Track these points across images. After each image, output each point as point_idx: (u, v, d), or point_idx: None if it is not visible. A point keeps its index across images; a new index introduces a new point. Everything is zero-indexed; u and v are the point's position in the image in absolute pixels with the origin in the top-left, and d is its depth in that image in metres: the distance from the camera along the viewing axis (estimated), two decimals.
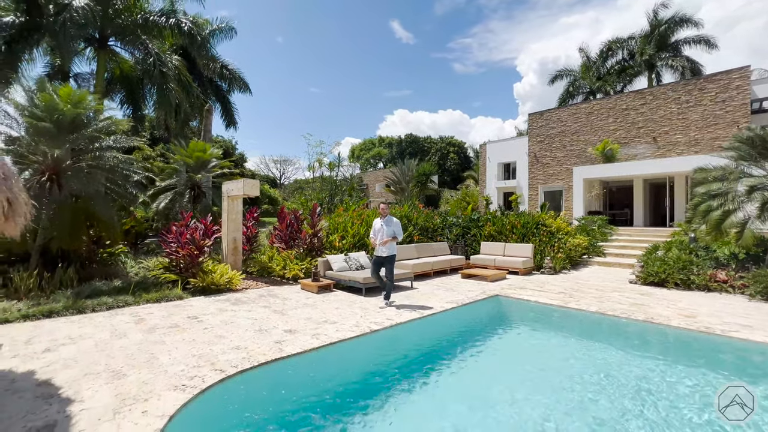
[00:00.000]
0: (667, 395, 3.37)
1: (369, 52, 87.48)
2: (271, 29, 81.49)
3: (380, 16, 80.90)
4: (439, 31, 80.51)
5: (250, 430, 2.78)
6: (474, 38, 79.98)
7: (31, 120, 6.87)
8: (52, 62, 16.79)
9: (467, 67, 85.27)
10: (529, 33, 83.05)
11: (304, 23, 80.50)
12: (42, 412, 2.80)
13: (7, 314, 5.34)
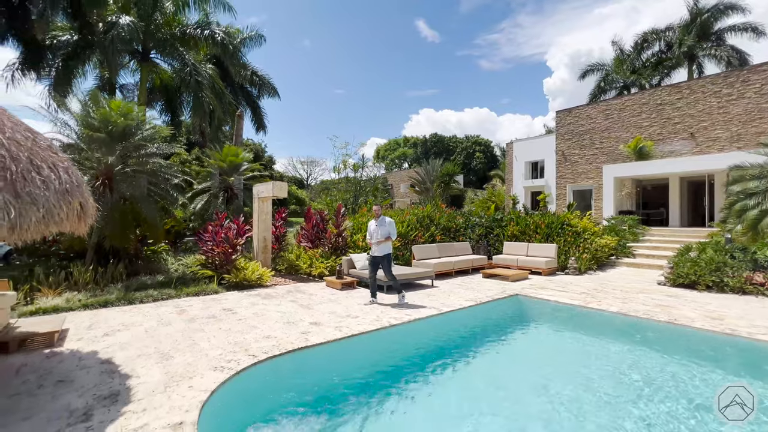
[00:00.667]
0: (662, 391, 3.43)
1: (394, 51, 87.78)
2: (298, 33, 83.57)
3: (405, 15, 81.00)
4: (465, 29, 79.53)
5: (277, 405, 3.14)
6: (501, 34, 78.40)
7: (89, 130, 7.67)
8: (101, 75, 18.25)
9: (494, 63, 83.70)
10: (560, 26, 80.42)
11: (329, 26, 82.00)
12: (106, 384, 3.28)
13: (70, 303, 6.06)
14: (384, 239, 6.45)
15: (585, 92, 30.95)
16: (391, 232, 6.53)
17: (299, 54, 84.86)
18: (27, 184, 2.58)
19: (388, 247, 6.52)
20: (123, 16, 14.72)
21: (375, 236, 6.54)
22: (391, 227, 6.58)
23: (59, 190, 2.93)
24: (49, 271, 7.42)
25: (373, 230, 6.62)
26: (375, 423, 2.93)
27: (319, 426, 2.87)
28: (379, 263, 6.56)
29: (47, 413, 2.79)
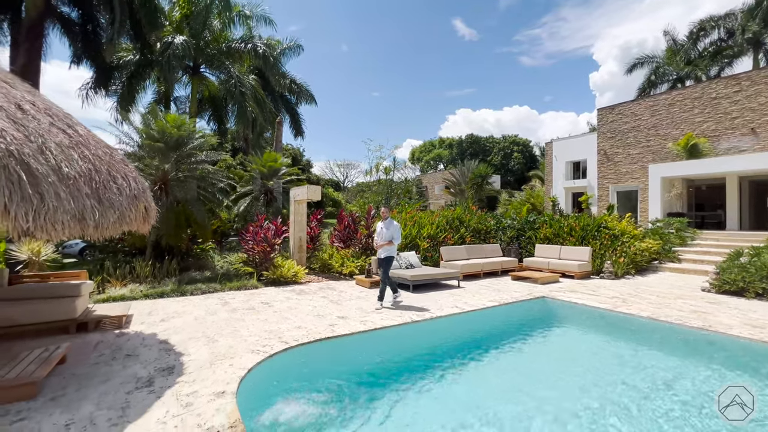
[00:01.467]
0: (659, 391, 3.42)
1: (431, 52, 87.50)
2: (336, 39, 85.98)
3: (442, 15, 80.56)
4: (504, 25, 77.64)
5: (303, 384, 3.56)
6: (543, 28, 75.62)
7: (149, 141, 8.69)
8: (158, 89, 20.13)
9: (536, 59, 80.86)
10: (609, 17, 76.06)
11: (366, 30, 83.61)
12: (164, 359, 3.88)
13: (133, 293, 6.95)
14: (387, 242, 6.54)
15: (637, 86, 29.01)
16: (395, 236, 6.62)
17: (337, 59, 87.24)
18: (107, 191, 3.20)
19: (392, 249, 6.61)
20: (177, 36, 16.23)
21: (382, 237, 6.64)
22: (396, 231, 6.68)
23: (129, 195, 3.55)
24: (116, 265, 8.47)
25: (379, 231, 6.74)
26: (384, 404, 3.24)
27: (337, 403, 3.24)
28: (381, 265, 6.64)
29: (120, 379, 3.39)
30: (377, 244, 6.70)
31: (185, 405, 2.92)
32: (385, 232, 6.63)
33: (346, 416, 3.03)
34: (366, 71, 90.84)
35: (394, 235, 6.60)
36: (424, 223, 11.69)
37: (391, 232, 6.61)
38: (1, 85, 2.97)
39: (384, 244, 6.55)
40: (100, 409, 2.85)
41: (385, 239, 6.57)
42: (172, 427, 2.61)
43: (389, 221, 6.74)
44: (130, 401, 2.98)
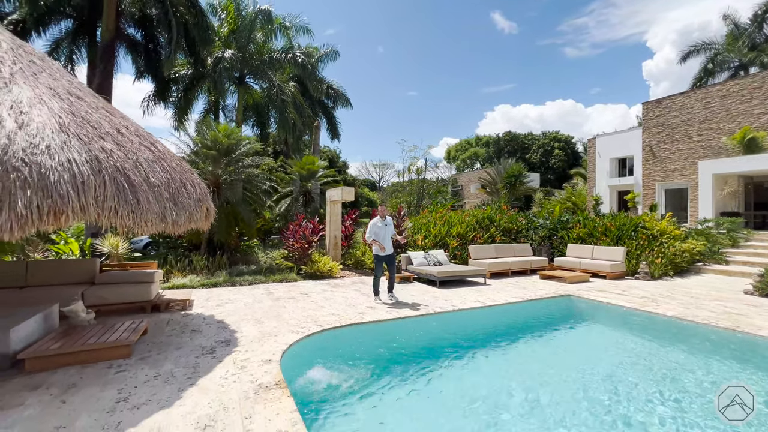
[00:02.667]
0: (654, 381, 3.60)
1: (468, 48, 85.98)
2: (372, 41, 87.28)
3: (480, 9, 78.88)
4: (547, 16, 74.60)
5: (333, 357, 4.18)
6: (590, 16, 71.83)
7: (204, 149, 9.80)
8: (209, 99, 21.95)
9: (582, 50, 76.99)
10: (665, 0, 70.79)
11: (402, 30, 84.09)
12: (222, 335, 4.66)
13: (192, 283, 7.99)
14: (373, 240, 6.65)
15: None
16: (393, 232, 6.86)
17: (374, 60, 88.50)
18: (180, 195, 3.99)
19: (390, 246, 6.78)
20: (226, 50, 17.72)
21: (382, 236, 6.64)
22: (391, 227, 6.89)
23: (196, 198, 4.34)
24: (177, 258, 9.66)
25: (378, 230, 6.69)
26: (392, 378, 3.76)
27: (359, 373, 3.82)
28: (386, 262, 6.72)
29: (189, 348, 4.19)
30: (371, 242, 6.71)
31: (241, 367, 3.62)
32: (388, 229, 6.77)
33: (363, 383, 3.62)
34: (402, 71, 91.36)
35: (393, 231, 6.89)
36: (454, 223, 12.00)
37: (390, 229, 6.84)
38: (105, 114, 3.84)
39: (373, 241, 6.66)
40: (177, 367, 3.62)
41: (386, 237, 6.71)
42: (232, 381, 3.31)
43: (388, 220, 6.89)
44: (199, 363, 3.74)
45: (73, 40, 15.77)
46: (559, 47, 77.72)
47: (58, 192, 2.76)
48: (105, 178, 3.12)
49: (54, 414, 2.76)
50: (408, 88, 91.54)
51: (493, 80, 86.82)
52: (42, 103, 3.18)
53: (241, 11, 19.12)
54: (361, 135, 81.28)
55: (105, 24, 13.64)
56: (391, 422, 3.08)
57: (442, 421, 3.10)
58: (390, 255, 6.77)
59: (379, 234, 6.68)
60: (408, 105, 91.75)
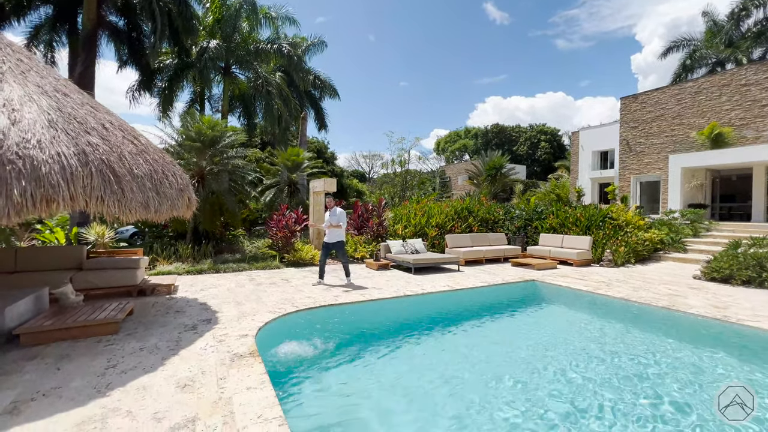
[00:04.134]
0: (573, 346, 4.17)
1: (460, 39, 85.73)
2: (364, 29, 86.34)
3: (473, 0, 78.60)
4: (539, 7, 74.81)
5: (305, 333, 4.62)
6: (582, 8, 72.29)
7: (189, 141, 10.02)
8: (194, 89, 21.83)
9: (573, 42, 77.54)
10: None
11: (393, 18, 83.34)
12: (204, 315, 5.06)
13: (177, 270, 8.32)
14: (335, 225, 7.21)
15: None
16: (341, 221, 7.28)
17: (365, 49, 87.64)
18: (162, 185, 4.33)
19: (340, 234, 7.28)
20: (211, 40, 17.67)
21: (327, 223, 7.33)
22: (342, 217, 7.31)
23: (177, 188, 4.68)
24: (163, 247, 9.94)
25: (327, 219, 7.42)
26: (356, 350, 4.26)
27: (325, 346, 4.30)
28: (332, 249, 7.34)
29: (172, 326, 4.58)
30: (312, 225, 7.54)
31: (219, 341, 4.04)
32: (332, 218, 7.30)
33: (326, 355, 4.12)
34: (393, 61, 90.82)
35: (340, 220, 7.27)
36: (434, 213, 12.49)
37: (338, 218, 7.28)
38: (90, 109, 4.13)
39: (331, 225, 7.22)
40: (162, 341, 4.02)
41: (332, 223, 7.26)
42: (211, 352, 3.73)
43: (334, 209, 7.39)
44: (181, 337, 4.14)
45: (53, 27, 15.57)
46: (551, 39, 78.23)
47: (49, 182, 3.09)
48: (92, 169, 3.45)
49: (51, 378, 3.14)
50: (399, 79, 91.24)
51: (485, 71, 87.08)
52: (32, 101, 3.48)
53: (225, 0, 19.00)
54: (352, 126, 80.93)
55: (86, 11, 13.53)
56: (346, 383, 3.55)
57: (388, 381, 3.59)
58: (335, 242, 7.26)
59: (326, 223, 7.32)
60: (399, 96, 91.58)
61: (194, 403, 2.73)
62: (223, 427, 2.44)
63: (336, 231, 7.25)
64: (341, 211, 7.40)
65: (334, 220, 7.25)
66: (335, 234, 7.26)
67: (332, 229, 7.26)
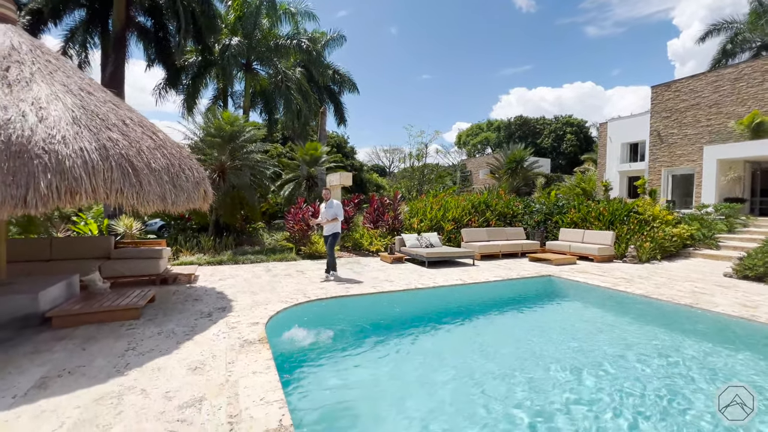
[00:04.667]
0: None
1: (484, 29, 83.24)
2: (385, 22, 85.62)
3: None
4: None
5: (314, 322, 4.75)
6: None
7: (209, 137, 10.35)
8: (217, 86, 22.43)
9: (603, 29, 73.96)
10: None
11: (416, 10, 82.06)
12: (220, 303, 5.27)
13: (199, 260, 8.67)
14: (331, 219, 7.07)
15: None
16: (338, 214, 7.14)
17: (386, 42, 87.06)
18: (179, 179, 4.52)
19: (336, 226, 7.16)
20: (233, 37, 18.07)
21: (323, 217, 7.17)
22: (338, 209, 7.16)
23: (193, 181, 4.88)
24: (186, 239, 10.37)
25: (323, 212, 7.23)
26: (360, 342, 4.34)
27: (330, 335, 4.41)
28: (326, 241, 7.26)
29: (190, 313, 4.81)
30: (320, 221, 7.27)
31: (231, 327, 4.21)
32: (328, 211, 7.13)
33: (331, 343, 4.24)
34: (415, 53, 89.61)
35: (337, 213, 7.14)
36: (450, 207, 12.37)
37: (334, 210, 7.13)
38: (112, 107, 4.36)
39: (329, 220, 7.08)
40: (178, 327, 4.23)
41: (330, 217, 7.11)
42: (222, 337, 3.90)
43: (330, 202, 7.23)
44: (196, 324, 4.34)
45: (87, 29, 16.34)
46: (580, 26, 74.80)
47: (72, 175, 3.31)
48: (112, 163, 3.66)
49: (76, 357, 3.38)
50: (421, 71, 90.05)
51: (509, 62, 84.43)
52: (57, 99, 3.71)
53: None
54: (373, 120, 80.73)
55: (116, 13, 14.13)
56: (347, 369, 3.63)
57: (384, 372, 3.64)
58: (327, 235, 7.17)
59: (323, 216, 7.19)
60: (421, 89, 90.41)
61: (203, 385, 2.88)
62: (227, 407, 2.56)
63: (334, 223, 7.16)
64: (337, 203, 7.29)
65: (330, 213, 7.13)
66: (333, 226, 7.19)
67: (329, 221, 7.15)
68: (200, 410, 2.53)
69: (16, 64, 3.80)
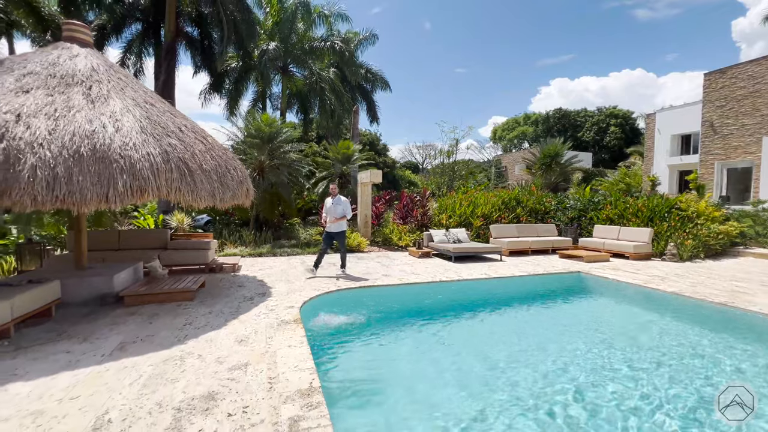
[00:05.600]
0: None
1: (522, 18, 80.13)
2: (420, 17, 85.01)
3: None
4: None
5: (341, 309, 5.18)
6: None
7: (249, 138, 11.16)
8: (256, 89, 23.67)
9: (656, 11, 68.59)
10: None
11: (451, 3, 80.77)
12: (260, 289, 5.87)
13: (241, 252, 9.46)
14: (340, 217, 6.88)
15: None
16: (345, 211, 6.91)
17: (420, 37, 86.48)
18: (225, 178, 5.12)
19: (343, 224, 6.99)
20: (270, 42, 19.04)
21: (331, 214, 6.94)
22: (346, 206, 6.93)
23: (237, 180, 5.47)
24: (230, 233, 11.27)
25: (329, 208, 6.97)
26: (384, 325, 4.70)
27: (356, 319, 4.83)
28: (334, 238, 7.05)
29: (235, 296, 5.43)
30: (326, 219, 7.03)
31: (270, 309, 4.75)
32: (336, 208, 6.93)
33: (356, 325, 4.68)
34: (450, 47, 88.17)
35: (345, 210, 6.94)
36: (479, 203, 12.42)
37: (342, 207, 6.92)
38: (170, 116, 5.03)
39: (338, 219, 6.90)
40: (225, 308, 4.84)
41: (338, 215, 6.91)
42: (263, 317, 4.43)
43: (338, 198, 7.01)
44: (240, 306, 4.93)
45: (142, 41, 17.93)
46: (629, 9, 69.77)
47: (142, 176, 3.94)
48: (172, 165, 4.28)
49: (145, 328, 4.04)
50: (456, 65, 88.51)
51: (549, 51, 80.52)
52: (128, 112, 4.39)
53: (283, 2, 20.24)
54: (406, 116, 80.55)
55: (167, 25, 15.45)
56: (369, 345, 4.03)
57: (394, 354, 4.00)
58: (337, 232, 7.03)
59: (330, 211, 7.02)
60: (456, 83, 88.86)
61: (247, 353, 3.39)
62: (267, 371, 3.04)
63: (341, 221, 6.97)
64: (345, 199, 7.09)
65: (339, 211, 6.93)
66: (340, 224, 6.99)
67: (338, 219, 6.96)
68: (246, 372, 3.02)
69: (96, 83, 4.53)
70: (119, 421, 2.36)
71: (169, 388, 2.76)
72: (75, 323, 4.20)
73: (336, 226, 7.01)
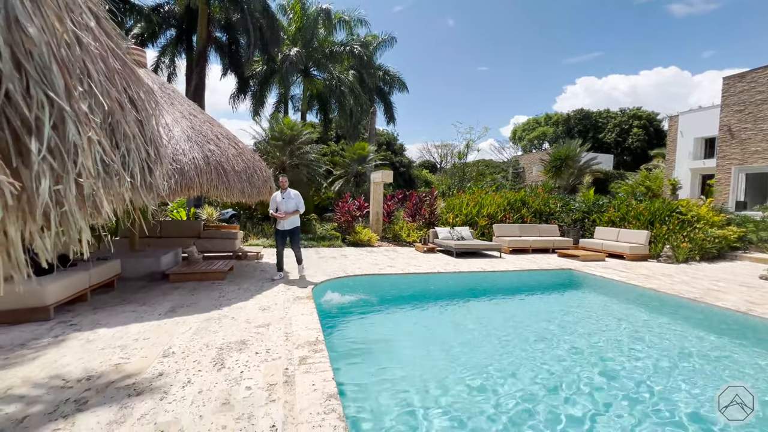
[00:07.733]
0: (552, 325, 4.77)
1: (547, 15, 78.68)
2: (442, 14, 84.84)
3: None
4: None
5: (348, 291, 6.07)
6: None
7: (273, 141, 12.22)
8: (279, 92, 24.91)
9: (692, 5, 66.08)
10: None
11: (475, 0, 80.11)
12: (279, 274, 6.83)
13: (263, 243, 10.52)
14: (293, 212, 6.28)
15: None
16: (298, 205, 6.33)
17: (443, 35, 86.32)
18: (252, 178, 6.08)
19: (296, 219, 6.42)
20: (293, 47, 20.15)
21: (282, 209, 6.24)
22: (298, 200, 6.34)
23: (262, 179, 6.43)
24: (253, 226, 12.37)
25: (279, 202, 6.25)
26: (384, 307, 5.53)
27: (360, 300, 5.69)
28: (288, 236, 6.43)
29: (258, 278, 6.40)
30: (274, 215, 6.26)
31: (287, 288, 5.69)
32: (287, 202, 6.27)
33: (360, 305, 5.53)
34: (472, 45, 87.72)
35: (297, 204, 6.34)
36: (486, 203, 13.06)
37: (294, 201, 6.31)
38: (209, 126, 6.03)
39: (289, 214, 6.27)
40: (251, 286, 5.81)
41: (289, 210, 6.27)
42: (281, 294, 5.37)
43: (288, 192, 6.34)
44: (263, 285, 5.89)
45: (175, 46, 19.36)
46: (663, 5, 67.23)
47: (189, 176, 4.93)
48: (211, 167, 5.26)
49: (188, 299, 5.04)
50: (478, 63, 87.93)
51: (575, 49, 78.79)
52: (177, 123, 5.39)
53: (306, 9, 21.30)
54: (426, 115, 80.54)
55: (199, 32, 16.74)
56: (364, 318, 4.89)
57: (390, 328, 4.83)
58: (291, 229, 6.44)
59: (281, 206, 6.28)
60: (478, 81, 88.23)
61: (269, 317, 4.31)
62: (284, 329, 3.94)
63: (294, 216, 6.38)
64: (296, 192, 6.43)
65: (291, 205, 6.28)
66: (293, 220, 6.39)
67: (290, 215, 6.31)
68: (268, 329, 3.93)
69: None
70: (180, 352, 3.30)
71: (212, 336, 3.71)
72: (134, 293, 5.26)
73: (289, 222, 6.35)
